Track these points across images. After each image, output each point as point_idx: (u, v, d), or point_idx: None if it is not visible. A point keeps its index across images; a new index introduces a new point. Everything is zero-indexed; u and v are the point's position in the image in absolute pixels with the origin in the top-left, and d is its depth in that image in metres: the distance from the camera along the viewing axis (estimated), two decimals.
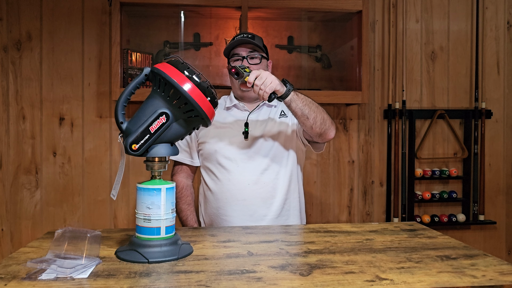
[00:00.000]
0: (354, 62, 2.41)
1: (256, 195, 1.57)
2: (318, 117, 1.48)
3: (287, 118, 1.67)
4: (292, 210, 1.64)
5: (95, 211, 2.39)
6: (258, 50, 1.65)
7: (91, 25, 2.37)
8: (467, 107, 2.67)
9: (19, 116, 2.33)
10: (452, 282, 0.88)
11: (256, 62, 1.64)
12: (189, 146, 1.71)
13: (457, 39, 2.65)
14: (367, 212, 2.61)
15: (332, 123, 1.54)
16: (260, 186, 1.58)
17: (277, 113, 1.69)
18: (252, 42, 1.62)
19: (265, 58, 1.69)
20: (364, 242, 1.19)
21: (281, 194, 1.61)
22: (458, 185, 2.68)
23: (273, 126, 1.65)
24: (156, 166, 1.09)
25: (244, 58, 1.63)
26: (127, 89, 1.08)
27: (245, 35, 1.64)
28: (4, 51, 2.31)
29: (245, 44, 1.64)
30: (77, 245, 0.99)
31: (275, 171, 1.60)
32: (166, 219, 1.06)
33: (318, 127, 1.49)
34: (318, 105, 1.50)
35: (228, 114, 1.69)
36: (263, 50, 1.68)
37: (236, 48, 1.66)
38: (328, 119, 1.52)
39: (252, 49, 1.65)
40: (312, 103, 1.48)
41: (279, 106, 1.71)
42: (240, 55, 1.64)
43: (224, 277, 0.91)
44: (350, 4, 2.30)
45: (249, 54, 1.64)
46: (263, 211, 1.58)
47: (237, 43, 1.64)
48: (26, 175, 2.34)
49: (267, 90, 1.36)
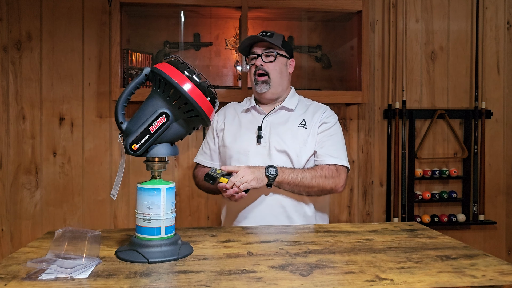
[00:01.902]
0: (354, 62, 2.41)
1: (266, 208, 1.53)
2: (313, 190, 1.51)
3: (306, 129, 1.59)
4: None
5: (95, 211, 2.39)
6: (274, 48, 1.61)
7: (91, 25, 2.37)
8: (467, 107, 2.66)
9: (19, 116, 2.33)
10: (452, 282, 0.88)
11: (270, 60, 1.60)
12: (209, 148, 1.70)
13: (457, 39, 2.65)
14: (367, 212, 2.61)
15: (336, 185, 1.52)
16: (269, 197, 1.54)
17: (297, 121, 1.61)
18: (266, 40, 1.58)
19: (282, 56, 1.63)
20: (364, 242, 1.19)
21: (291, 203, 1.55)
22: (458, 185, 2.68)
23: (288, 131, 1.58)
24: (156, 166, 1.09)
25: (259, 56, 1.61)
26: (127, 89, 1.08)
27: (263, 33, 1.61)
28: (4, 51, 2.31)
29: (262, 42, 1.61)
30: (77, 245, 0.99)
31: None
32: (166, 219, 1.06)
33: (316, 194, 1.54)
34: (312, 178, 1.49)
35: (245, 116, 1.67)
36: (282, 48, 1.63)
37: (253, 47, 1.64)
38: (327, 186, 1.51)
39: (268, 47, 1.61)
40: (302, 182, 1.48)
41: (298, 111, 1.65)
42: (255, 53, 1.62)
43: (224, 277, 0.91)
44: (350, 4, 2.30)
45: (264, 52, 1.61)
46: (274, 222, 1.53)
47: (252, 41, 1.62)
48: (26, 175, 2.34)
49: (241, 187, 1.37)
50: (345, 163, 1.57)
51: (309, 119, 1.62)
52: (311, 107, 1.68)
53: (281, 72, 1.63)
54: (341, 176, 1.54)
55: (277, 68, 1.62)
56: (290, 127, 1.60)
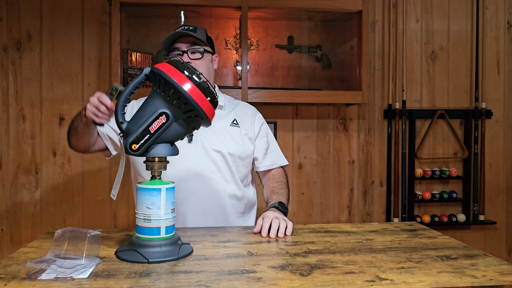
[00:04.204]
0: (354, 62, 2.41)
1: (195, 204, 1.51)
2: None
3: (239, 128, 1.58)
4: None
5: (95, 211, 2.39)
6: (200, 44, 1.52)
7: (91, 25, 2.37)
8: (467, 107, 2.66)
9: (19, 116, 2.33)
10: (452, 282, 0.88)
11: (197, 57, 1.50)
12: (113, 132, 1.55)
13: (457, 39, 2.65)
14: (367, 212, 2.61)
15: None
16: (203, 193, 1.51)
17: (228, 119, 1.59)
18: (193, 35, 1.48)
19: (209, 52, 1.55)
20: (364, 242, 1.19)
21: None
22: (458, 185, 2.68)
23: (222, 130, 1.55)
24: (156, 166, 1.08)
25: (184, 53, 1.49)
26: (127, 89, 1.08)
27: (186, 27, 1.50)
28: (4, 51, 2.31)
29: (186, 37, 1.50)
30: (77, 245, 0.99)
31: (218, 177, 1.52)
32: (166, 219, 1.06)
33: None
34: (286, 189, 1.58)
35: None
36: (207, 44, 1.54)
37: (176, 42, 1.52)
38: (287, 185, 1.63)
39: (193, 42, 1.51)
40: (287, 194, 1.56)
41: (227, 109, 1.62)
42: (179, 49, 1.50)
43: (224, 277, 0.91)
44: (350, 4, 2.30)
45: (189, 48, 1.50)
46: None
47: (176, 36, 1.50)
48: (26, 175, 2.34)
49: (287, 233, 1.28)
50: (285, 159, 1.69)
51: (241, 119, 1.60)
52: (238, 106, 1.66)
53: (209, 69, 1.54)
54: (286, 172, 1.69)
55: (204, 65, 1.52)
56: (223, 125, 1.56)
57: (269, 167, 1.63)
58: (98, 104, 1.15)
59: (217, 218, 1.52)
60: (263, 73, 2.53)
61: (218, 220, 1.52)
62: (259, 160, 1.62)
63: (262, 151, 1.62)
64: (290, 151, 2.54)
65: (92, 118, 1.18)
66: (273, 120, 2.51)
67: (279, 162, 1.65)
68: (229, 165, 1.53)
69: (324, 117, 2.57)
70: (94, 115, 1.16)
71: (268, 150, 1.65)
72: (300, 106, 2.54)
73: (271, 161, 1.64)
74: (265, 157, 1.63)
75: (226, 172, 1.53)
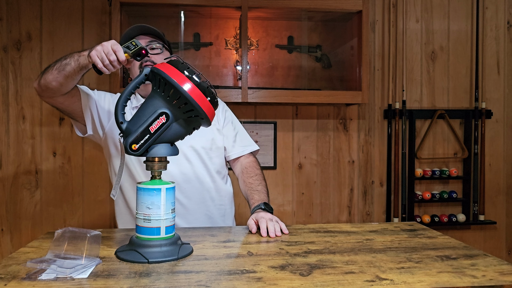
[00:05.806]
0: (354, 62, 2.41)
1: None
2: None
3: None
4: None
5: (95, 211, 2.39)
6: (158, 40, 1.51)
7: (91, 25, 2.37)
8: (467, 107, 2.66)
9: (19, 116, 2.33)
10: (452, 282, 0.88)
11: (157, 52, 1.48)
12: (91, 116, 1.50)
13: (457, 39, 2.65)
14: (367, 212, 2.61)
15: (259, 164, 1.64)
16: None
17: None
18: (153, 30, 1.47)
19: (167, 49, 1.55)
20: (364, 242, 1.19)
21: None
22: (458, 185, 2.68)
23: None
24: (156, 166, 1.08)
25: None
26: (127, 89, 1.08)
27: (142, 26, 1.50)
28: (4, 51, 2.31)
29: (145, 34, 1.49)
30: (77, 245, 0.99)
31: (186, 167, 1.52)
32: (166, 219, 1.06)
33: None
34: (262, 179, 1.56)
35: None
36: (165, 42, 1.54)
37: (137, 37, 1.49)
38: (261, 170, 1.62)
39: (152, 38, 1.50)
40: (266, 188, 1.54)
41: None
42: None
43: (224, 277, 0.91)
44: (350, 4, 2.30)
45: (148, 44, 1.48)
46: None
47: (135, 32, 1.48)
48: (26, 175, 2.34)
49: (284, 232, 1.32)
50: (255, 145, 1.66)
51: None
52: None
53: None
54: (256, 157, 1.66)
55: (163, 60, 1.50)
56: None
57: (240, 153, 1.61)
58: (110, 52, 1.12)
59: (198, 214, 1.52)
60: (263, 73, 2.53)
61: (199, 215, 1.52)
62: (229, 149, 1.61)
63: (231, 139, 1.61)
64: (290, 151, 2.54)
65: (96, 62, 1.14)
66: (273, 120, 2.51)
67: (249, 148, 1.63)
68: (203, 158, 1.54)
69: (324, 117, 2.57)
70: (101, 60, 1.13)
71: (237, 138, 1.63)
72: (300, 106, 2.54)
73: (241, 148, 1.62)
74: (234, 145, 1.62)
75: (201, 166, 1.53)
